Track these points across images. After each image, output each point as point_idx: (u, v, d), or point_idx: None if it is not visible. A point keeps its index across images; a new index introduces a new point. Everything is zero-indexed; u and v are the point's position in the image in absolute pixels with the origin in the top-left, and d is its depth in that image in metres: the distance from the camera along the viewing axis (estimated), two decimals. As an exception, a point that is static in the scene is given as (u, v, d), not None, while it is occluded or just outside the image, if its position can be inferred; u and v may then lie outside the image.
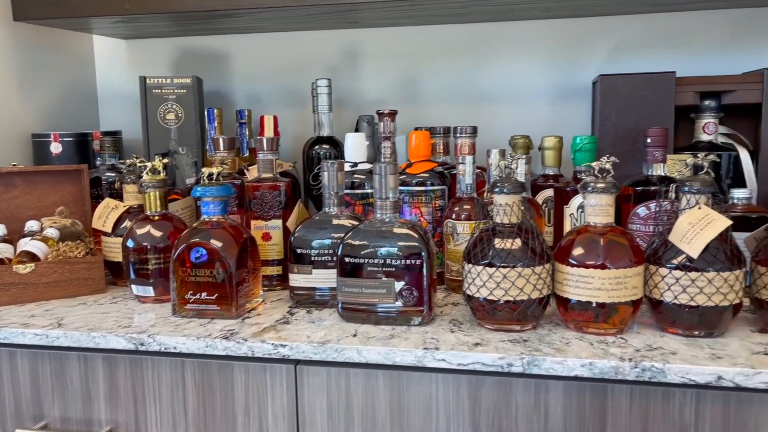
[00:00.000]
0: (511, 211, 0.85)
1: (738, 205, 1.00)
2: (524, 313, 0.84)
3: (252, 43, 1.47)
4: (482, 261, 0.84)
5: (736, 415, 0.73)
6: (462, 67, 1.38)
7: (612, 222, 0.85)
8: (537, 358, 0.76)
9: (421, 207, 1.08)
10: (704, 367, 0.72)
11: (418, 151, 1.10)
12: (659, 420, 0.75)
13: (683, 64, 1.24)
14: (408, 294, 0.87)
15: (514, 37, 1.34)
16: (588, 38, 1.31)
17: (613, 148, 1.15)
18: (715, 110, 1.13)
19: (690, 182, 0.82)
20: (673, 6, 1.21)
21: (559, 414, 0.78)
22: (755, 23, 1.23)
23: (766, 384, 0.71)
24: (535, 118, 1.35)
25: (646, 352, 0.76)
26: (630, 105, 1.14)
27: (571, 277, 0.83)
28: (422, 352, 0.79)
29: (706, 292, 0.79)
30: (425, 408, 0.81)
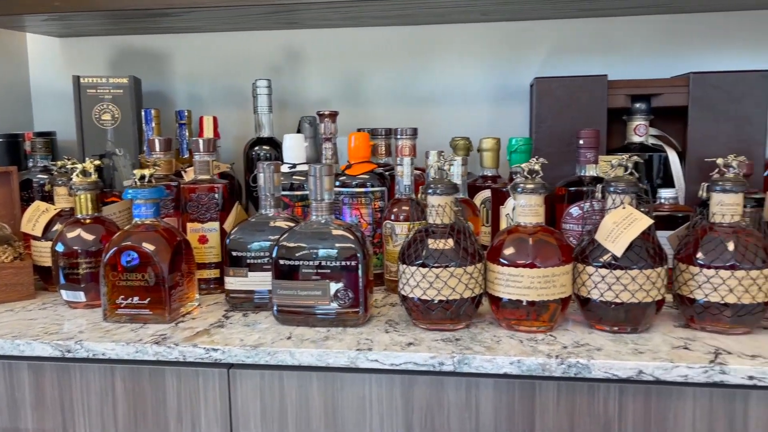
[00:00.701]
0: (444, 211, 0.86)
1: (665, 205, 1.04)
2: (457, 313, 0.85)
3: (192, 43, 1.45)
4: (416, 261, 0.85)
5: (657, 407, 0.76)
6: (404, 69, 1.39)
7: (541, 222, 0.87)
8: (467, 356, 0.77)
9: (361, 208, 1.08)
10: (626, 362, 0.74)
11: (358, 152, 1.10)
12: (585, 414, 0.77)
13: (615, 68, 1.28)
14: (343, 295, 0.87)
15: (454, 40, 1.36)
16: (526, 41, 1.33)
17: (549, 150, 1.18)
18: (645, 113, 1.17)
19: (615, 183, 0.85)
20: (606, 11, 1.24)
21: (489, 411, 0.79)
22: (682, 29, 1.28)
23: (683, 377, 0.73)
24: (475, 119, 1.37)
25: (573, 349, 0.78)
26: (565, 107, 1.16)
27: (502, 276, 0.84)
28: (355, 353, 0.79)
29: (630, 289, 0.81)
30: (359, 408, 0.81)
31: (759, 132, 1.11)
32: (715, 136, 1.12)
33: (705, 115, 1.12)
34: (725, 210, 0.83)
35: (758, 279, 0.80)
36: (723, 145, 1.11)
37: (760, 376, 0.72)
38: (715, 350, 0.77)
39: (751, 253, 0.80)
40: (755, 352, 0.76)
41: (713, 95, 1.11)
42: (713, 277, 0.81)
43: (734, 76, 1.11)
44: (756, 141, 1.11)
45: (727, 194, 0.83)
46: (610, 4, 1.17)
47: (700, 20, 1.27)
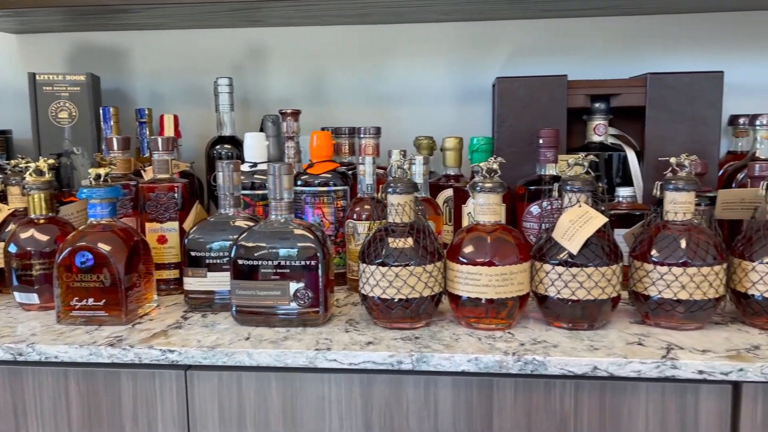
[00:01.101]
0: (403, 210, 0.86)
1: (623, 203, 1.06)
2: (417, 311, 0.85)
3: (154, 40, 1.42)
4: (375, 260, 0.85)
5: (611, 402, 0.77)
6: (368, 68, 1.39)
7: (500, 220, 0.87)
8: (426, 354, 0.77)
9: (323, 207, 1.08)
10: (581, 359, 0.76)
11: (320, 151, 1.10)
12: (542, 411, 0.78)
13: (575, 68, 1.30)
14: (303, 295, 0.87)
15: (417, 39, 1.36)
16: (488, 41, 1.34)
17: (510, 149, 1.19)
18: (604, 112, 1.19)
19: (571, 182, 0.86)
20: (566, 12, 1.26)
21: (448, 409, 0.79)
22: (640, 30, 1.30)
23: (636, 372, 0.75)
24: (439, 119, 1.38)
25: (530, 346, 0.79)
26: (525, 107, 1.18)
27: (461, 275, 0.85)
28: (314, 353, 0.79)
29: (585, 286, 0.83)
30: (318, 409, 0.81)
31: (713, 132, 1.13)
32: (671, 135, 1.14)
33: (662, 115, 1.14)
34: (678, 208, 0.84)
35: (709, 276, 0.82)
36: (679, 144, 1.13)
37: (709, 371, 0.73)
38: (667, 346, 0.78)
39: (702, 251, 0.82)
40: (706, 347, 0.78)
41: (669, 96, 1.14)
42: (666, 274, 0.82)
43: (689, 76, 1.13)
44: (710, 141, 1.13)
45: (679, 193, 0.84)
46: (570, 5, 1.19)
47: (657, 22, 1.29)
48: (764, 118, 1.15)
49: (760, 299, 0.82)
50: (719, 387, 0.75)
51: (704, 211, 0.98)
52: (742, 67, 1.28)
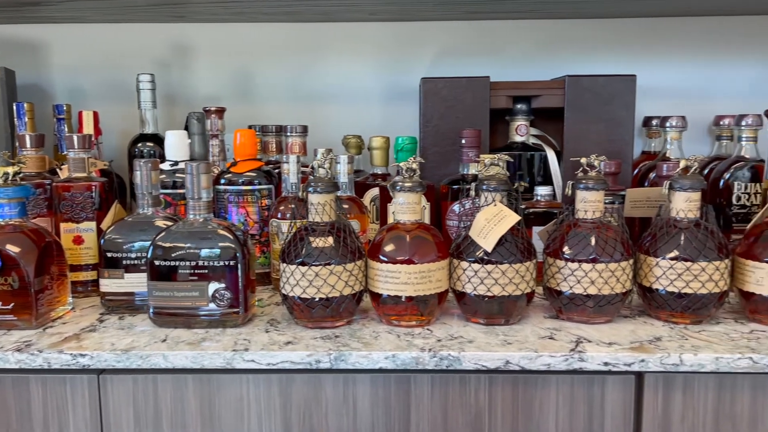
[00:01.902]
0: (323, 210, 0.86)
1: (541, 202, 1.09)
2: (337, 310, 0.85)
3: (73, 34, 1.38)
4: (296, 260, 0.85)
5: (524, 395, 0.80)
6: (296, 66, 1.39)
7: (420, 219, 0.89)
8: (344, 353, 0.78)
9: (248, 206, 1.07)
10: (494, 353, 0.78)
11: (244, 149, 1.08)
12: (458, 405, 0.80)
13: (499, 70, 1.33)
14: (222, 296, 0.86)
15: (345, 38, 1.37)
16: (414, 42, 1.36)
17: (435, 148, 1.21)
18: (525, 113, 1.22)
19: (487, 181, 0.88)
20: (489, 14, 1.29)
21: (367, 406, 0.80)
22: (560, 33, 1.34)
23: (546, 365, 0.77)
24: (368, 118, 1.39)
25: (447, 342, 0.81)
26: (450, 107, 1.20)
27: (381, 273, 0.86)
28: (231, 354, 0.78)
29: (500, 283, 0.85)
30: (236, 410, 0.80)
31: (627, 133, 1.18)
32: (588, 136, 1.18)
33: (579, 116, 1.18)
34: (588, 207, 0.88)
35: (616, 271, 0.85)
36: (596, 144, 1.18)
37: (614, 362, 0.77)
38: (577, 339, 0.82)
39: (610, 247, 0.86)
40: (612, 339, 0.82)
41: (586, 97, 1.18)
42: (577, 270, 0.86)
43: (605, 79, 1.18)
44: (625, 141, 1.18)
45: (589, 192, 0.88)
46: (493, 8, 1.22)
47: (575, 26, 1.34)
48: (674, 119, 1.21)
49: (664, 293, 0.86)
50: (623, 378, 0.79)
51: (617, 209, 1.02)
52: (654, 71, 1.34)
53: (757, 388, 0.78)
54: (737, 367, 0.76)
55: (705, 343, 0.79)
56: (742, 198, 1.13)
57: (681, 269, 0.84)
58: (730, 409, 0.78)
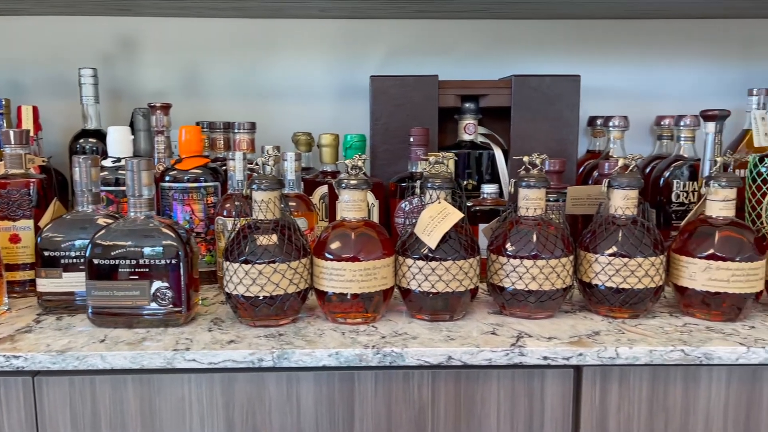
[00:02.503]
0: (267, 207, 0.86)
1: (488, 199, 1.10)
2: (281, 308, 0.85)
3: (14, 26, 1.33)
4: (239, 258, 0.84)
5: (466, 390, 0.81)
6: (246, 62, 1.37)
7: (365, 216, 0.89)
8: (287, 351, 0.78)
9: (193, 204, 1.06)
10: (437, 349, 0.79)
11: (189, 146, 1.07)
12: (401, 401, 0.81)
13: (448, 69, 1.34)
14: (164, 295, 0.84)
15: (295, 35, 1.36)
16: (365, 39, 1.36)
17: (385, 146, 1.22)
18: (474, 112, 1.23)
19: (431, 179, 0.89)
20: (438, 14, 1.30)
21: (310, 404, 0.80)
22: (508, 34, 1.36)
23: (488, 360, 0.79)
24: (319, 115, 1.38)
25: (391, 338, 0.81)
26: (399, 105, 1.20)
27: (326, 270, 0.86)
28: (172, 353, 0.77)
29: (444, 279, 0.86)
30: (178, 410, 0.79)
31: (572, 132, 1.21)
32: (534, 135, 1.21)
33: (525, 116, 1.20)
34: (530, 204, 0.90)
35: (557, 267, 0.87)
36: (541, 143, 1.20)
37: (553, 356, 0.79)
38: (518, 334, 0.83)
39: (551, 244, 0.88)
40: (552, 334, 0.83)
41: (532, 97, 1.20)
42: (519, 267, 0.87)
43: (551, 79, 1.20)
44: (570, 140, 1.21)
45: (531, 190, 0.89)
46: (442, 7, 1.23)
47: (523, 27, 1.36)
48: (617, 119, 1.24)
49: (603, 288, 0.88)
50: (562, 371, 0.80)
51: (560, 207, 1.04)
52: (598, 72, 1.38)
53: (689, 379, 0.81)
54: (669, 360, 0.79)
55: (640, 337, 0.82)
56: (681, 196, 1.16)
57: (619, 265, 0.87)
58: (664, 399, 0.81)
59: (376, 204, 1.12)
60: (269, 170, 0.89)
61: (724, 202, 0.88)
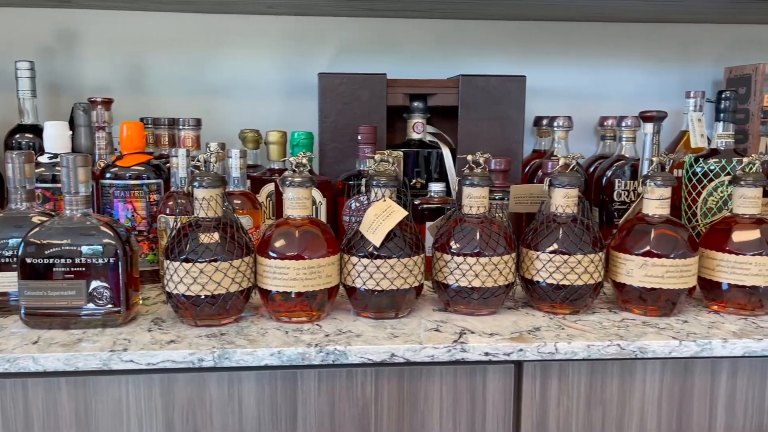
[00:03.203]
0: (209, 205, 0.85)
1: (435, 198, 1.11)
2: (224, 307, 0.84)
3: (-55, 16, 1.28)
4: (180, 257, 0.82)
5: (409, 387, 0.81)
6: (193, 58, 1.35)
7: (310, 214, 0.89)
8: (228, 351, 0.77)
9: (135, 202, 1.03)
10: (380, 347, 0.79)
11: (131, 142, 1.04)
12: (345, 399, 0.81)
13: (398, 67, 1.34)
14: (101, 295, 0.82)
15: (244, 31, 1.34)
16: (314, 37, 1.35)
17: (333, 144, 1.21)
18: (422, 111, 1.24)
19: (377, 177, 0.89)
20: (386, 12, 1.30)
21: (252, 404, 0.79)
22: (456, 33, 1.37)
23: (430, 357, 0.79)
24: (267, 112, 1.37)
25: (335, 337, 0.81)
26: (347, 103, 1.20)
27: (270, 269, 0.85)
28: (108, 354, 0.75)
29: (389, 277, 0.86)
30: (115, 412, 0.77)
31: (517, 131, 1.23)
32: (481, 134, 1.22)
33: (472, 115, 1.22)
34: (473, 202, 0.91)
35: (499, 264, 0.88)
36: (488, 142, 1.21)
37: (494, 352, 0.80)
38: (461, 331, 0.84)
39: (493, 242, 0.89)
40: (494, 330, 0.84)
41: (479, 97, 1.21)
42: (462, 264, 0.88)
43: (497, 79, 1.22)
44: (515, 140, 1.23)
45: (474, 188, 0.90)
46: (390, 6, 1.23)
47: (470, 27, 1.37)
48: (561, 120, 1.26)
49: (544, 285, 0.90)
50: (503, 367, 0.82)
51: (505, 205, 1.06)
52: (545, 72, 1.40)
53: (625, 373, 0.83)
54: (606, 354, 0.81)
55: (579, 332, 0.84)
56: (623, 195, 1.19)
57: (559, 262, 0.88)
58: (601, 393, 0.83)
59: (323, 202, 1.12)
60: (213, 167, 0.88)
61: (659, 201, 0.91)
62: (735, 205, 0.93)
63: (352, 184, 1.10)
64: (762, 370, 0.84)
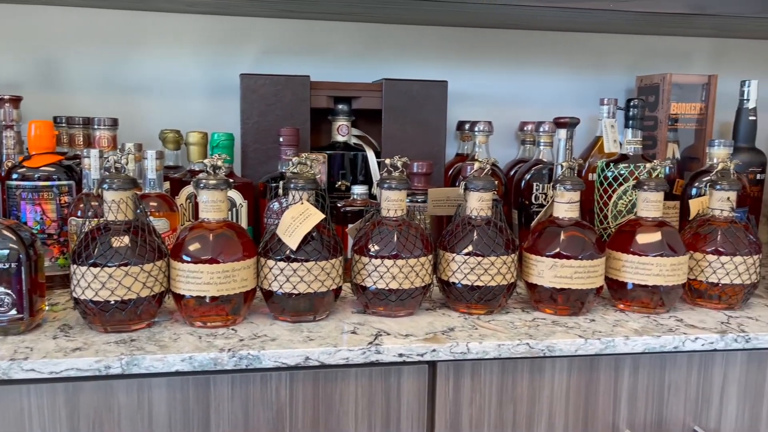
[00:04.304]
0: (119, 208, 0.82)
1: (357, 200, 1.12)
2: (134, 313, 0.82)
3: None
4: (87, 261, 0.80)
5: (324, 390, 0.81)
6: (111, 55, 1.31)
7: (225, 217, 0.88)
8: (137, 357, 0.75)
9: (44, 204, 0.99)
10: (294, 350, 0.79)
11: (40, 142, 1.01)
12: (259, 403, 0.80)
13: (322, 70, 1.34)
14: (2, 301, 0.79)
15: (165, 29, 1.31)
16: (238, 37, 1.34)
17: (256, 146, 1.20)
18: (347, 114, 1.25)
19: (294, 180, 0.89)
20: (312, 14, 1.30)
21: (163, 411, 0.78)
22: (381, 37, 1.38)
23: (345, 359, 0.80)
24: (190, 112, 1.34)
25: (249, 341, 0.81)
26: (270, 105, 1.19)
27: (183, 273, 0.83)
28: (8, 363, 0.72)
29: (306, 280, 0.86)
30: (17, 422, 0.74)
31: (440, 136, 1.25)
32: (404, 138, 1.24)
33: (395, 119, 1.23)
34: (391, 205, 0.92)
35: (416, 266, 0.90)
36: (411, 146, 1.23)
37: (408, 353, 0.81)
38: (377, 332, 0.85)
39: (411, 244, 0.90)
40: (410, 331, 0.86)
41: (402, 101, 1.23)
42: (380, 266, 0.89)
43: (419, 84, 1.23)
44: (438, 143, 1.25)
45: (392, 191, 0.91)
46: (309, 8, 1.22)
47: (394, 31, 1.38)
48: (481, 124, 1.29)
49: (460, 286, 0.92)
50: (417, 367, 0.83)
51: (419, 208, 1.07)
52: (468, 78, 1.43)
53: (535, 370, 0.86)
54: (516, 353, 0.83)
55: (491, 332, 0.86)
56: (540, 198, 1.23)
57: (473, 263, 0.91)
58: (512, 390, 0.86)
59: (244, 204, 1.11)
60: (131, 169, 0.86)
61: (568, 204, 0.95)
62: (639, 209, 0.97)
63: (273, 186, 1.09)
64: (661, 365, 0.89)
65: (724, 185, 0.99)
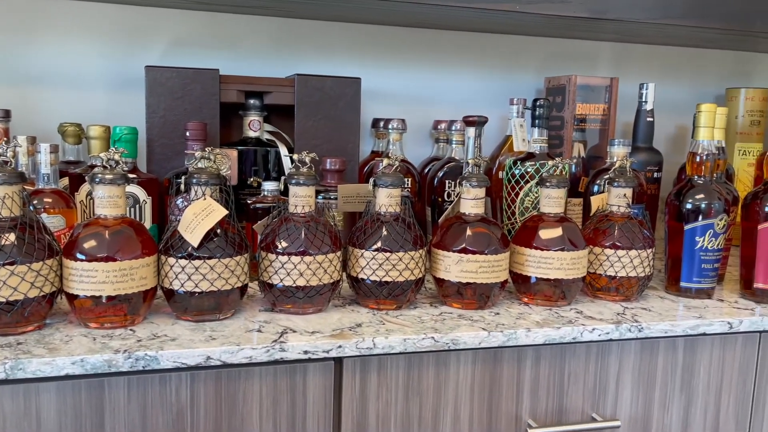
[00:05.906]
0: (3, 204, 0.78)
1: (268, 197, 1.10)
2: (22, 315, 0.77)
3: None
4: (-32, 260, 0.75)
5: (227, 389, 0.79)
6: (6, 43, 1.23)
7: (123, 214, 0.84)
8: (22, 361, 0.71)
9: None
10: (195, 350, 0.76)
11: None
12: (157, 406, 0.77)
13: (233, 64, 1.32)
14: None
15: (65, 17, 1.25)
16: (146, 28, 1.29)
17: (162, 140, 1.16)
18: (258, 109, 1.22)
19: (197, 174, 0.87)
20: (222, 7, 1.27)
21: (53, 417, 0.74)
22: (295, 32, 1.37)
23: (248, 358, 0.78)
24: (92, 105, 1.28)
25: (147, 342, 0.78)
26: (177, 99, 1.15)
27: (76, 272, 0.79)
28: None
29: (208, 278, 0.84)
30: None
31: (353, 132, 1.25)
32: (317, 134, 1.22)
33: (308, 115, 1.22)
34: (299, 201, 0.91)
35: (324, 263, 0.89)
36: (324, 142, 1.22)
37: (313, 350, 0.80)
38: (283, 330, 0.84)
39: (318, 240, 0.89)
40: (317, 328, 0.85)
41: (315, 97, 1.22)
42: (287, 263, 0.88)
43: (332, 80, 1.23)
44: (350, 140, 1.25)
45: (300, 187, 0.90)
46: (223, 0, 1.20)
47: (307, 26, 1.37)
48: (395, 122, 1.30)
49: (369, 282, 0.92)
50: (323, 364, 0.82)
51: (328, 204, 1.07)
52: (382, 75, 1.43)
53: (440, 364, 0.87)
54: (422, 347, 0.84)
55: (398, 327, 0.87)
56: (452, 194, 1.25)
57: (382, 259, 0.91)
58: (418, 384, 0.87)
59: (149, 201, 1.07)
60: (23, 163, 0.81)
61: (474, 200, 0.96)
62: (541, 205, 1.00)
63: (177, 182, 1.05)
64: (561, 356, 0.92)
65: (621, 182, 1.03)
